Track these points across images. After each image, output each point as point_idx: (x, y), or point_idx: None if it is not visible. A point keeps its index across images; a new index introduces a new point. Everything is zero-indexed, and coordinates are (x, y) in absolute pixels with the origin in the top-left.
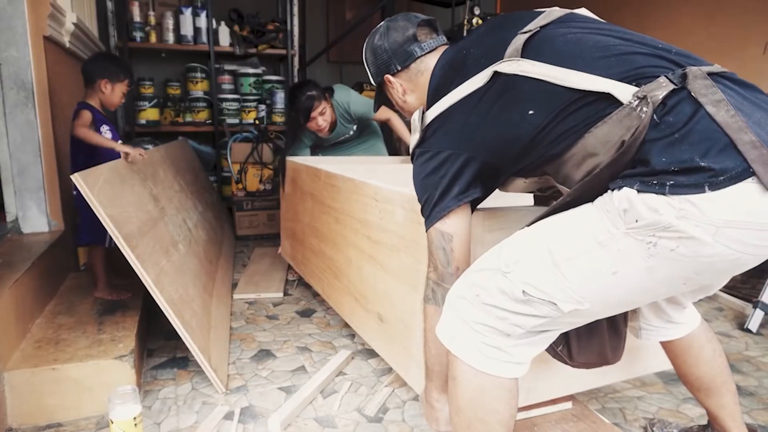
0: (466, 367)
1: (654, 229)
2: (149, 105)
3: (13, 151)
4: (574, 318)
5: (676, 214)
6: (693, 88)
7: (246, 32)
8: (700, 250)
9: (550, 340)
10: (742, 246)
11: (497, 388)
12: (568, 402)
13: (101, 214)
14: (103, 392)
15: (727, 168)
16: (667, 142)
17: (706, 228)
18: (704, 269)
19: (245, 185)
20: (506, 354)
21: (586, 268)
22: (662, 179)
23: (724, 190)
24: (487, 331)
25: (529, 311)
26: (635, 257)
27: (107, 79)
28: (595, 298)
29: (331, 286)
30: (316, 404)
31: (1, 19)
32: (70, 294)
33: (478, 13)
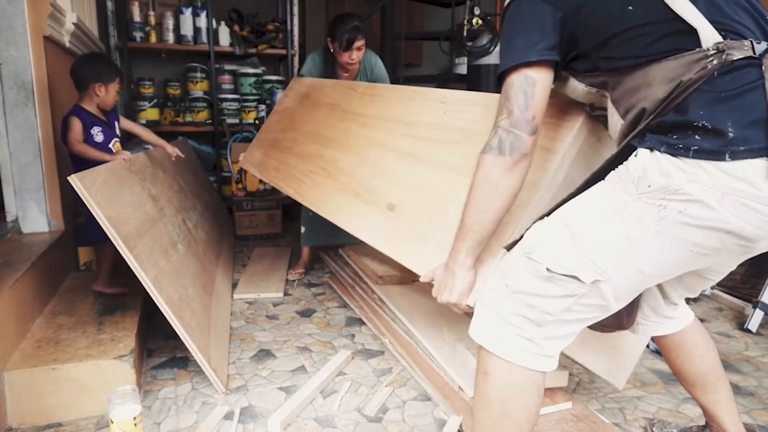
0: (499, 360)
1: (665, 192)
2: (149, 105)
3: (13, 150)
4: (597, 298)
5: (687, 178)
6: (767, 63)
7: (246, 32)
8: (706, 214)
9: (575, 333)
10: (743, 215)
11: (527, 381)
12: (568, 402)
13: (99, 215)
14: (103, 392)
15: (750, 139)
16: (712, 97)
17: (713, 193)
18: (710, 237)
19: (245, 185)
20: (538, 347)
21: (601, 236)
22: (689, 142)
23: (739, 162)
24: (519, 322)
25: (555, 291)
26: (646, 221)
27: (100, 82)
28: (612, 268)
29: (316, 186)
30: (316, 404)
31: (1, 19)
32: (70, 294)
33: (478, 13)
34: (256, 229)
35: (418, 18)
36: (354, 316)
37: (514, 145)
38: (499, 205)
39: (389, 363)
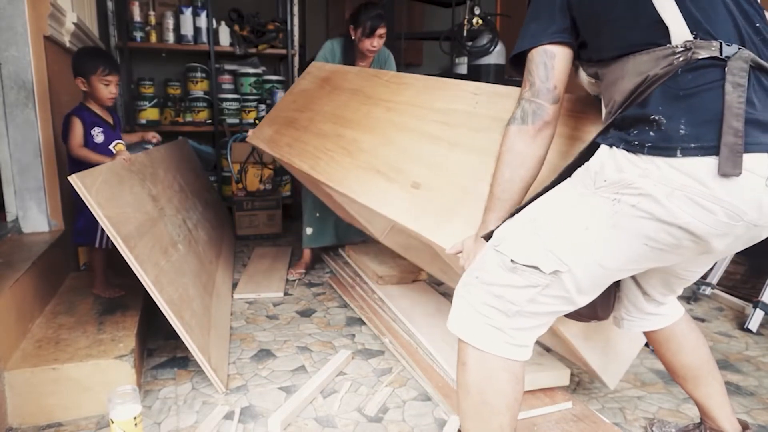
0: (473, 350)
1: (618, 186)
2: (149, 105)
3: (13, 150)
4: (560, 290)
5: (639, 173)
6: (731, 65)
7: (246, 32)
8: (655, 209)
9: (545, 324)
10: (691, 211)
11: (503, 370)
12: (568, 402)
13: (99, 214)
14: (103, 392)
15: (701, 137)
16: (672, 94)
17: (662, 188)
18: (661, 231)
19: (245, 185)
20: (508, 336)
21: (561, 228)
22: (644, 138)
23: (689, 159)
24: (489, 312)
25: (518, 282)
26: (602, 214)
27: (80, 76)
28: (572, 259)
29: (334, 162)
30: (316, 404)
31: (2, 19)
32: (70, 294)
33: (478, 13)
34: (256, 229)
35: (418, 18)
36: (354, 316)
37: (536, 113)
38: (524, 174)
39: (389, 363)
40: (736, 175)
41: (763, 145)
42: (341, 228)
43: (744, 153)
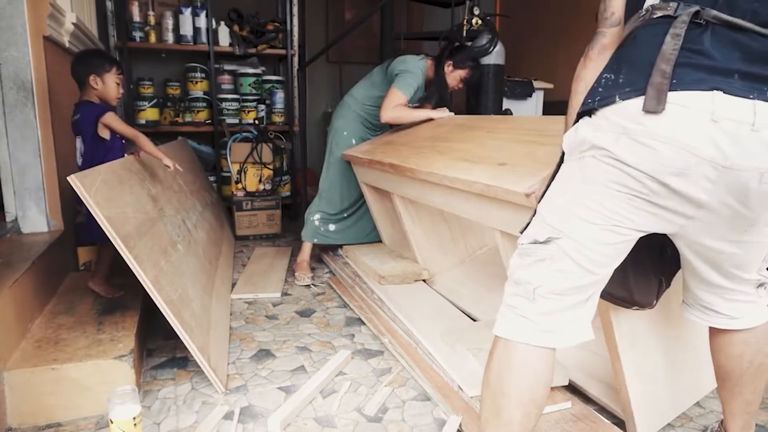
0: (500, 340)
1: (579, 146)
2: (149, 105)
3: (12, 150)
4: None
5: (591, 129)
6: (676, 21)
7: (246, 32)
8: (608, 155)
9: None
10: (636, 150)
11: (526, 360)
12: (568, 402)
13: (98, 214)
14: (103, 392)
15: (635, 81)
16: (623, 53)
17: (609, 136)
18: (624, 176)
19: (245, 185)
20: (533, 322)
21: (548, 199)
22: (595, 95)
23: (625, 102)
24: (514, 301)
25: (527, 261)
26: (573, 173)
27: (94, 73)
28: (562, 223)
29: (422, 156)
30: (316, 404)
31: (1, 19)
32: (69, 294)
33: (477, 13)
34: (256, 229)
35: (417, 18)
36: (354, 316)
37: (595, 39)
38: None
39: (389, 363)
40: (658, 112)
41: (704, 83)
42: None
43: (678, 91)
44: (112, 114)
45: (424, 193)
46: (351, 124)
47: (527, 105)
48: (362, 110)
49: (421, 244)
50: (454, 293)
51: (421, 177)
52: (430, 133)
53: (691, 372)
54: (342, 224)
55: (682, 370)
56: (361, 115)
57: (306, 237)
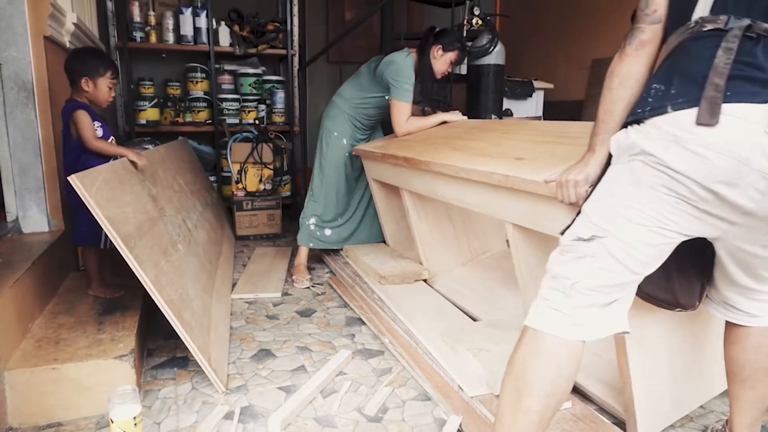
0: (530, 330)
1: (629, 150)
2: (149, 105)
3: (13, 150)
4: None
5: (642, 137)
6: (728, 34)
7: (246, 32)
8: (658, 161)
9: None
10: (687, 158)
11: (554, 351)
12: (568, 402)
13: (98, 215)
14: (103, 392)
15: (688, 93)
16: (673, 64)
17: (660, 143)
18: (673, 182)
19: (245, 185)
20: (566, 315)
21: (595, 200)
22: (645, 105)
23: (677, 112)
24: (549, 294)
25: (568, 258)
26: (622, 175)
27: (86, 77)
28: (608, 224)
29: (437, 152)
30: (316, 404)
31: (1, 19)
32: (70, 294)
33: (477, 13)
34: (256, 229)
35: (417, 18)
36: (354, 316)
37: (633, 35)
38: (623, 93)
39: (389, 363)
40: (712, 125)
41: (759, 96)
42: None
43: (732, 103)
44: (82, 112)
45: (436, 187)
46: (341, 124)
47: (527, 105)
48: (351, 110)
49: (425, 241)
50: (455, 293)
51: (436, 169)
52: (444, 133)
53: (696, 375)
54: (338, 229)
55: (687, 373)
56: (351, 114)
57: (302, 241)
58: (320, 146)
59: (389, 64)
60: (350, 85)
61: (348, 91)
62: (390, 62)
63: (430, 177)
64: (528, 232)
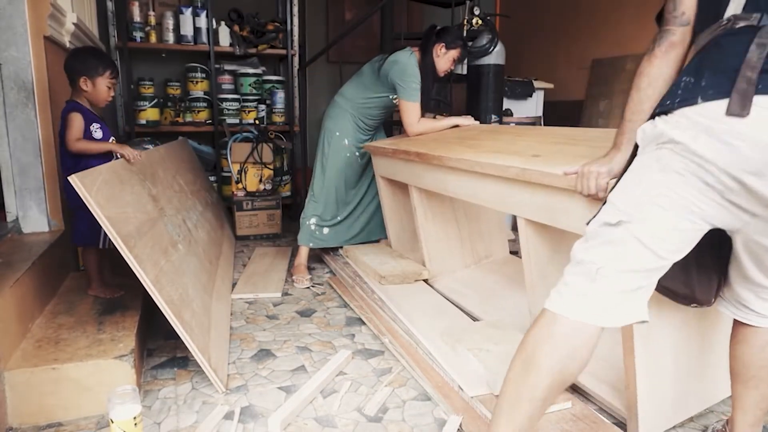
0: (548, 312)
1: (657, 139)
2: (149, 105)
3: (13, 150)
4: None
5: (670, 127)
6: (761, 31)
7: (246, 32)
8: (686, 149)
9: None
10: (715, 147)
11: (570, 334)
12: (568, 402)
13: (99, 215)
14: (103, 392)
15: (719, 84)
16: (705, 58)
17: (689, 133)
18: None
19: (245, 185)
20: (589, 299)
21: (621, 187)
22: (675, 96)
23: (708, 103)
24: (573, 280)
25: (594, 243)
26: (649, 163)
27: (85, 76)
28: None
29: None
30: (316, 404)
31: (1, 19)
32: (70, 294)
33: (477, 13)
34: (257, 229)
35: (417, 18)
36: (354, 316)
37: (663, 37)
38: (651, 93)
39: (389, 363)
40: (742, 115)
41: None
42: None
43: (763, 95)
44: (75, 115)
45: (448, 183)
46: (343, 124)
47: (527, 105)
48: (354, 110)
49: (430, 240)
50: (456, 293)
51: (450, 164)
52: (457, 134)
53: (700, 379)
54: (336, 227)
55: (691, 375)
56: (354, 114)
57: (302, 241)
58: (322, 146)
59: (394, 64)
60: (353, 85)
61: (350, 91)
62: (394, 62)
63: (443, 172)
64: (540, 229)
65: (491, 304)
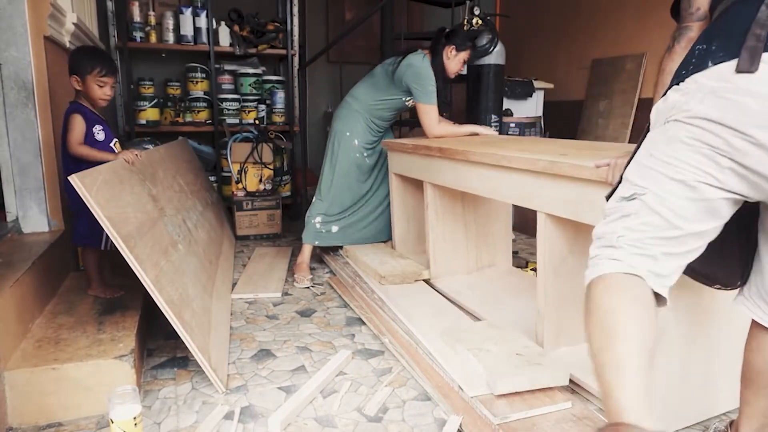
0: (591, 282)
1: (667, 113)
2: (149, 105)
3: (13, 150)
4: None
5: (680, 95)
6: None
7: (246, 32)
8: (693, 115)
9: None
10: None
11: (623, 281)
12: (568, 402)
13: (99, 215)
14: (103, 392)
15: (728, 47)
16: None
17: (696, 96)
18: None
19: (245, 185)
20: (622, 260)
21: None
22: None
23: (717, 66)
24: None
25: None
26: (659, 136)
27: (75, 75)
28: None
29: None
30: (316, 404)
31: (2, 19)
32: (70, 294)
33: (477, 13)
34: (257, 229)
35: (418, 18)
36: (354, 316)
37: (681, 34)
38: None
39: (389, 363)
40: (752, 71)
41: None
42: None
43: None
44: (76, 116)
45: (470, 178)
46: (353, 124)
47: (527, 105)
48: (366, 111)
49: (437, 240)
50: (458, 293)
51: (474, 159)
52: (478, 139)
53: (703, 388)
54: (344, 223)
55: (695, 383)
56: (365, 116)
57: (306, 239)
58: (331, 147)
59: (408, 67)
60: (364, 86)
61: (362, 92)
62: (409, 65)
63: (466, 167)
64: (560, 225)
65: (492, 305)
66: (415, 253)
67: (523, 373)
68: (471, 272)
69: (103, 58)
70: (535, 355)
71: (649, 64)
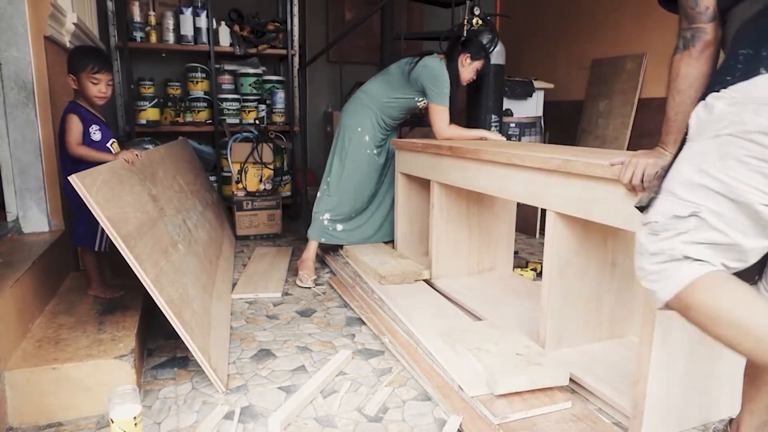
0: (679, 296)
1: (714, 124)
2: (149, 105)
3: (13, 150)
4: (710, 231)
5: (726, 103)
6: None
7: (246, 32)
8: (748, 129)
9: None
10: None
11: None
12: (568, 402)
13: (99, 215)
14: (103, 392)
15: None
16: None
17: (750, 107)
18: (759, 147)
19: (245, 185)
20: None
21: (681, 179)
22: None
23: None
24: (663, 267)
25: (667, 235)
26: (709, 150)
27: (71, 73)
28: (701, 199)
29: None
30: (316, 404)
31: (2, 19)
32: (70, 294)
33: (477, 13)
34: (257, 229)
35: (417, 18)
36: (354, 316)
37: (695, 36)
38: (693, 94)
39: (389, 363)
40: None
41: None
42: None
43: None
44: (72, 116)
45: (479, 177)
46: (364, 120)
47: (527, 105)
48: (377, 107)
49: (440, 241)
50: (458, 293)
51: (485, 157)
52: (488, 143)
53: (705, 392)
54: (350, 224)
55: (697, 386)
56: (375, 112)
57: (313, 236)
58: (341, 141)
59: (425, 69)
60: (378, 82)
61: (376, 88)
62: (425, 66)
63: (476, 166)
64: (569, 224)
65: (492, 305)
66: (417, 254)
67: (523, 373)
68: (472, 274)
69: (96, 55)
70: (535, 355)
71: (649, 64)
